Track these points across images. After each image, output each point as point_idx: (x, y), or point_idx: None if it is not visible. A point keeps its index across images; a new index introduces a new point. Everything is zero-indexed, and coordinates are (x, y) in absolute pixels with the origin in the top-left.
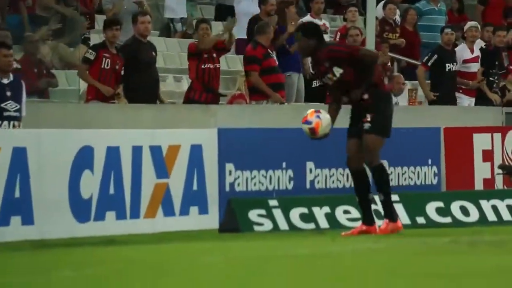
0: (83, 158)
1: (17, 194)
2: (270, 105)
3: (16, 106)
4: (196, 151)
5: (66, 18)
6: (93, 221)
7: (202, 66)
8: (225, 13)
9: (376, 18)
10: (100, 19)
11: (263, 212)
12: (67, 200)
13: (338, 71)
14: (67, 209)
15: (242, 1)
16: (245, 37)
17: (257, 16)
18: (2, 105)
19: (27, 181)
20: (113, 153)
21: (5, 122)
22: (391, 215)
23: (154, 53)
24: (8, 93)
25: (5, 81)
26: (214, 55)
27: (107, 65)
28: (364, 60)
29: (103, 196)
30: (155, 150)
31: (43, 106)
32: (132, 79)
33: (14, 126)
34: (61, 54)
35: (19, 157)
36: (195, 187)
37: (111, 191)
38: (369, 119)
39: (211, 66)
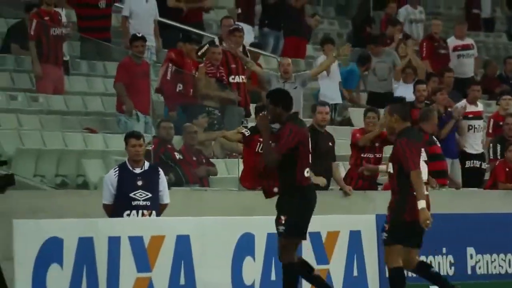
0: (244, 245)
1: (182, 281)
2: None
3: (147, 195)
4: (355, 237)
5: (225, 108)
6: None
7: (363, 155)
8: (380, 100)
9: None
10: (252, 107)
11: None
12: (230, 286)
13: None
14: None
15: (400, 87)
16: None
17: (413, 103)
18: (131, 194)
19: (191, 268)
20: (272, 239)
21: (134, 212)
22: None
23: (330, 143)
24: (139, 183)
25: (137, 170)
26: (377, 144)
27: (261, 150)
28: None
29: (265, 283)
30: (314, 237)
31: (205, 194)
32: None
33: (143, 215)
34: (222, 142)
35: (183, 244)
36: (355, 273)
37: (273, 277)
38: (283, 221)
39: (371, 155)
